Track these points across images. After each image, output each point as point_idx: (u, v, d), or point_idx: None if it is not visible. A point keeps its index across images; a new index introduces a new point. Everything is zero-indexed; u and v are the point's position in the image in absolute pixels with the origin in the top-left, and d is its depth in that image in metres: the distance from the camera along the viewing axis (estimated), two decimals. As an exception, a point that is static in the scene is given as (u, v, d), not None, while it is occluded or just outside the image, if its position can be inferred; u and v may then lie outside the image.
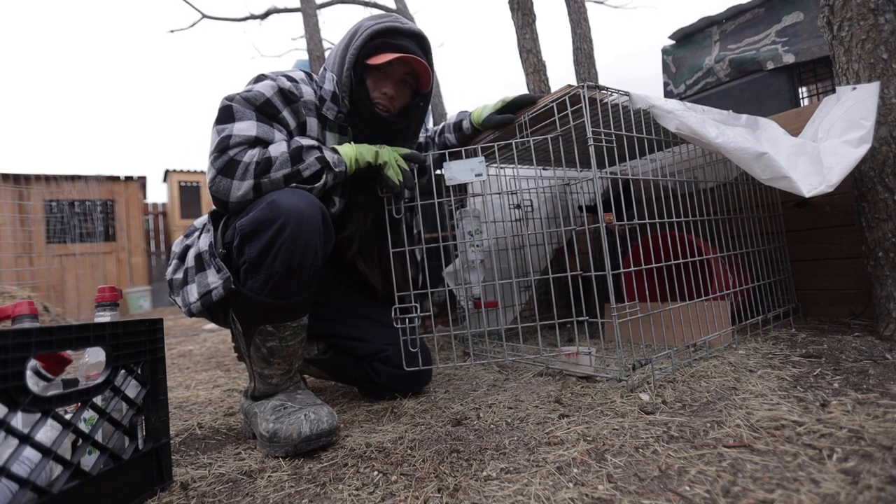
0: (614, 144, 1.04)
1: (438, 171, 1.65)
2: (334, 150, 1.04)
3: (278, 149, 0.97)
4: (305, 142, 1.00)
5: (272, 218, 0.87)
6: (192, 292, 0.98)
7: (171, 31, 6.15)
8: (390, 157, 1.10)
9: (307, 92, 1.09)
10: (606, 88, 1.09)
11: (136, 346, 0.75)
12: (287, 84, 1.05)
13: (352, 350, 1.17)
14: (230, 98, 1.00)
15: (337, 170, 1.02)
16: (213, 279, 0.94)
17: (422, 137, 1.51)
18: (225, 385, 1.56)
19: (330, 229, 0.96)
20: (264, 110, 1.01)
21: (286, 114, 1.04)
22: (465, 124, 1.44)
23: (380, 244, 1.23)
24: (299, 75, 1.12)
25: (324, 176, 1.00)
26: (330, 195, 1.10)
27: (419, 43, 1.13)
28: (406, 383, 1.16)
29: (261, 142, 0.98)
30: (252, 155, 0.94)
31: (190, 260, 1.02)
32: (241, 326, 0.95)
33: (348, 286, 1.25)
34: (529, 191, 1.86)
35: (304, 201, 0.90)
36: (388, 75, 1.12)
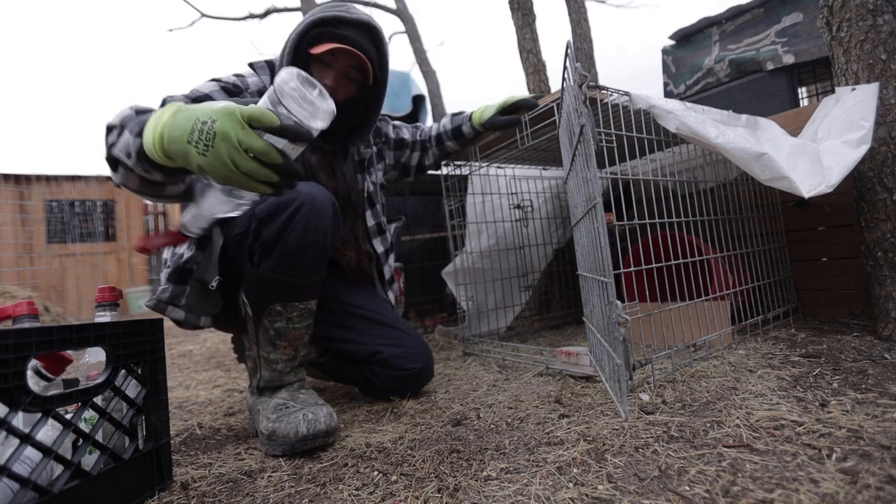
0: (614, 144, 1.04)
1: (439, 171, 1.65)
2: (139, 128, 0.73)
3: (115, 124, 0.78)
4: (118, 118, 0.77)
5: (289, 201, 0.90)
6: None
7: (171, 30, 6.15)
8: (228, 152, 0.63)
9: (254, 83, 1.09)
10: (606, 88, 1.09)
11: (137, 346, 0.75)
12: (231, 80, 1.07)
13: (347, 354, 1.15)
14: (172, 97, 0.95)
15: (131, 162, 0.74)
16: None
17: (407, 134, 1.46)
18: (225, 385, 1.57)
19: (338, 217, 0.98)
20: (196, 101, 0.98)
21: None
22: (466, 129, 1.42)
23: (352, 222, 1.23)
24: (251, 70, 1.13)
25: (119, 170, 0.78)
26: None
27: (370, 34, 1.08)
28: (405, 384, 1.13)
29: None
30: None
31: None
32: (251, 309, 0.97)
33: (332, 275, 1.21)
34: (530, 192, 1.87)
35: (317, 188, 0.94)
36: (329, 66, 1.08)
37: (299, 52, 1.08)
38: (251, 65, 1.15)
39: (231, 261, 1.00)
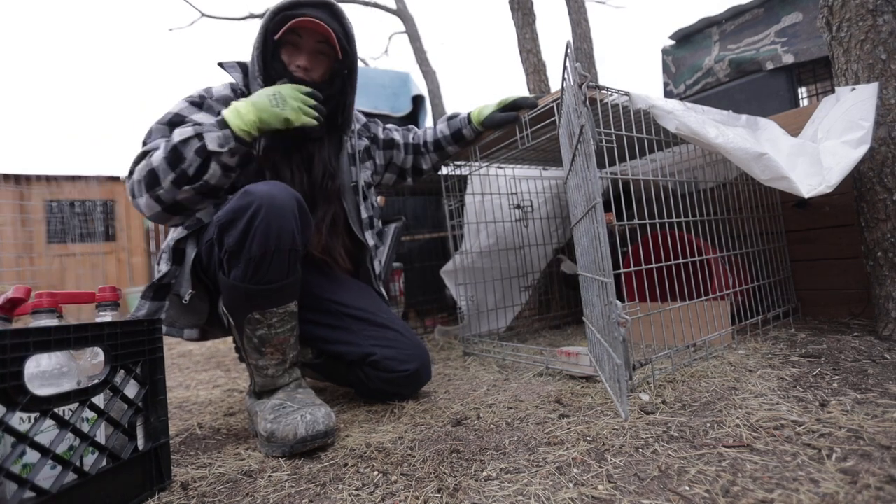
0: (614, 144, 1.04)
1: (448, 169, 1.65)
2: (220, 124, 0.96)
3: (159, 155, 0.95)
4: (179, 136, 0.95)
5: (246, 205, 0.89)
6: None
7: (171, 30, 6.17)
8: (294, 99, 1.01)
9: (218, 90, 1.12)
10: (606, 88, 1.09)
11: (135, 346, 0.75)
12: (198, 93, 1.11)
13: (341, 356, 1.12)
14: (158, 122, 1.06)
15: (226, 149, 0.95)
16: (163, 266, 1.03)
17: (397, 135, 1.44)
18: (225, 385, 1.56)
19: (306, 214, 0.96)
20: (172, 122, 1.05)
21: (197, 117, 1.06)
22: (466, 131, 1.41)
23: (324, 209, 1.20)
24: (224, 78, 1.17)
25: (211, 165, 0.95)
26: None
27: (329, 10, 1.11)
28: (400, 386, 1.10)
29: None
30: (140, 170, 0.96)
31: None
32: (231, 319, 0.96)
33: (323, 274, 1.19)
34: (530, 192, 1.87)
35: (277, 188, 0.92)
36: (298, 48, 1.11)
37: (267, 43, 1.11)
38: (221, 64, 1.16)
39: (207, 271, 1.00)
